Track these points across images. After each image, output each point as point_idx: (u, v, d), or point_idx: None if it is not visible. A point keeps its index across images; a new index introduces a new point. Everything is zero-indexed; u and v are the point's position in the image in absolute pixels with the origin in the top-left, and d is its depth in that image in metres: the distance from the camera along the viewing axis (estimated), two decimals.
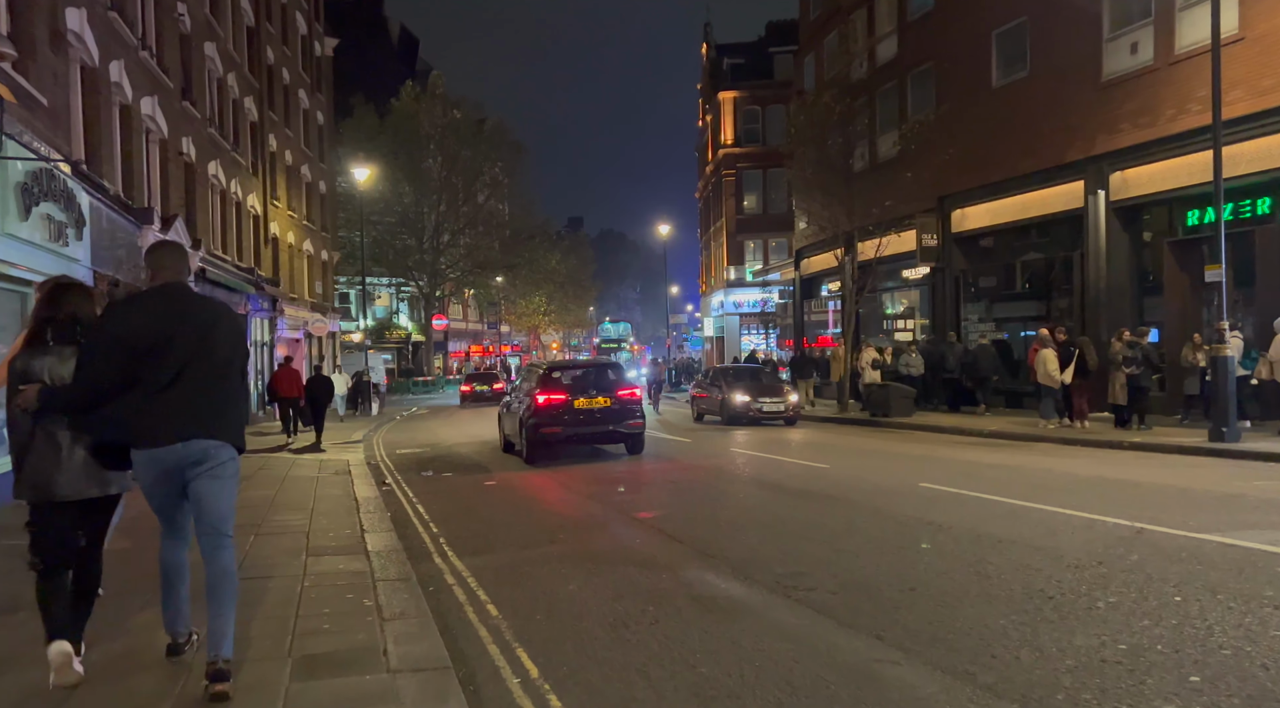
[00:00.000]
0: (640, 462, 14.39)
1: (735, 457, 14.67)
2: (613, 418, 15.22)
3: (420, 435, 23.14)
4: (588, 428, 15.10)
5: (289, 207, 34.12)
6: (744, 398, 21.97)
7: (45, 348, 4.24)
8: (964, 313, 25.23)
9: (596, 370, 17.13)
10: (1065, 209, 20.98)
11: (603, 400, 15.30)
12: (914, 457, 13.80)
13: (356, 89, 53.79)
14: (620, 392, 15.71)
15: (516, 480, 12.55)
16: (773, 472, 12.28)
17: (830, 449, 15.32)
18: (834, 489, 10.35)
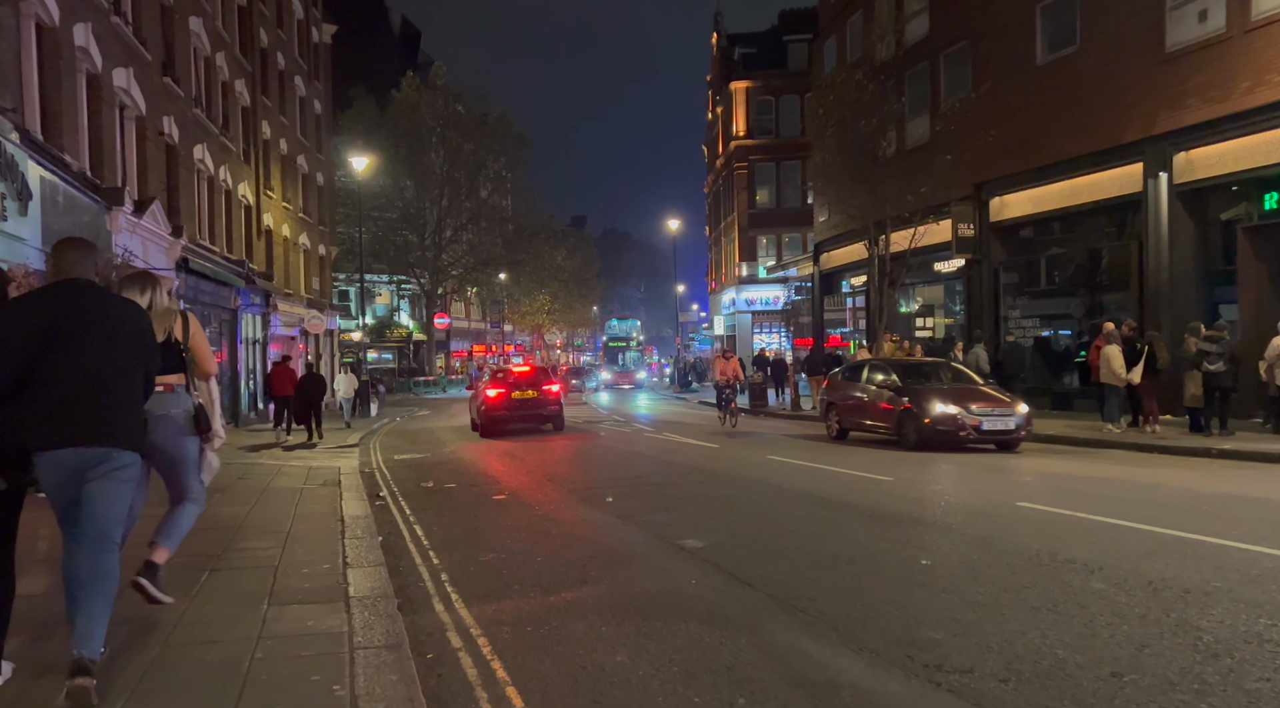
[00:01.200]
0: (668, 468, 12.74)
1: (758, 461, 13.02)
2: (538, 405, 20.98)
3: (421, 439, 21.50)
4: (520, 412, 20.89)
5: (284, 198, 32.49)
6: (951, 409, 14.19)
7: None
8: (1004, 309, 23.55)
9: (530, 373, 22.80)
10: (1120, 194, 19.33)
11: (532, 393, 21.05)
12: (981, 466, 12.14)
13: (356, 80, 52.16)
14: (543, 388, 21.29)
15: (532, 494, 10.89)
16: (821, 480, 10.64)
17: (881, 456, 13.65)
18: (911, 508, 8.69)
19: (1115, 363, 15.85)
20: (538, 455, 15.78)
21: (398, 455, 17.25)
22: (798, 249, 45.09)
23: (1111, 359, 15.94)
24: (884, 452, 14.30)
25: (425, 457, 16.74)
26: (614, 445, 17.31)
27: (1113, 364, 15.95)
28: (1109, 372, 16.02)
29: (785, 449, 15.45)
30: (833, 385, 18.16)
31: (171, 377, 5.04)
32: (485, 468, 14.16)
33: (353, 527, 8.34)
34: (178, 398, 5.07)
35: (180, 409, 5.05)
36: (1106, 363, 16.04)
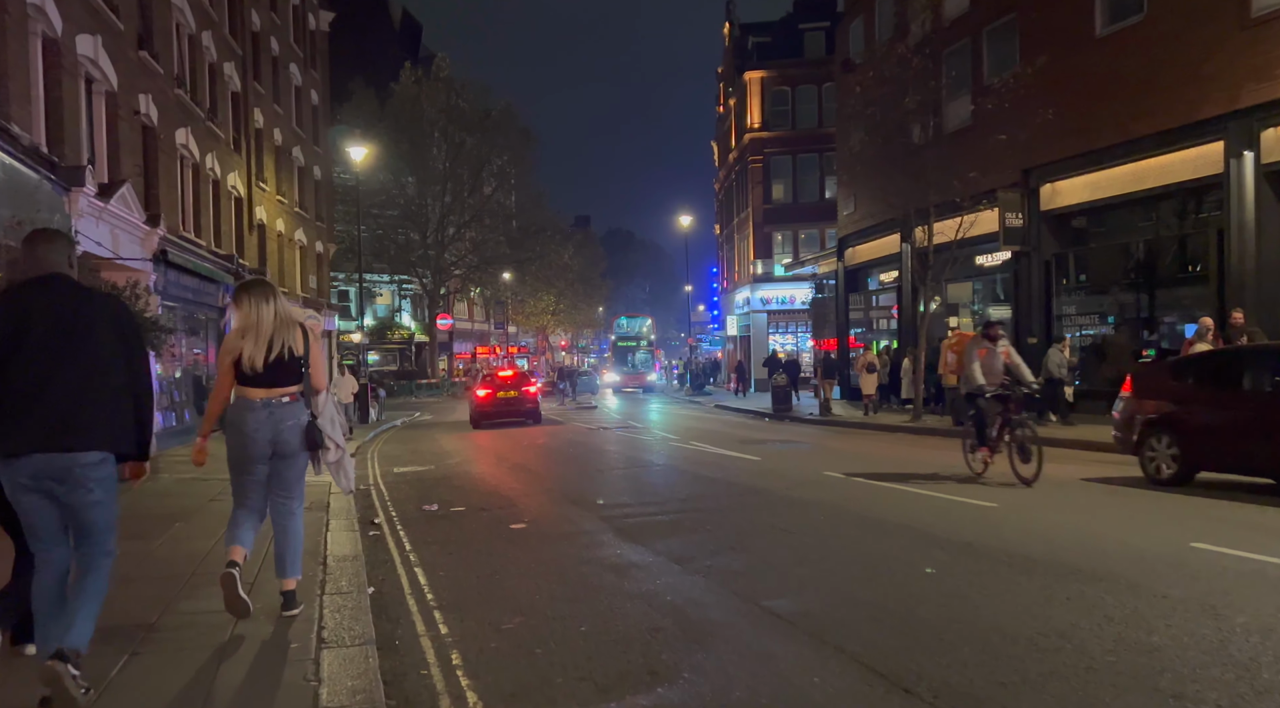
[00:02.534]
0: (712, 487, 10.88)
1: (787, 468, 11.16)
2: (519, 402, 25.44)
3: (424, 446, 19.69)
4: (504, 408, 25.15)
5: (278, 191, 30.68)
6: None
7: None
8: (1057, 305, 21.67)
9: (513, 377, 27.15)
10: (1195, 177, 17.46)
11: (514, 393, 25.50)
12: (1082, 486, 10.29)
13: (356, 74, 50.44)
14: (523, 389, 25.88)
15: (557, 523, 9.03)
16: (908, 506, 8.80)
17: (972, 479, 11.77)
18: (1052, 552, 6.82)
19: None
20: (555, 469, 13.93)
21: (398, 468, 15.44)
22: (815, 246, 43.25)
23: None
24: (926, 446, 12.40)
25: (428, 470, 14.91)
26: (639, 456, 15.45)
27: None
28: None
29: (834, 461, 13.59)
30: (1158, 388, 10.90)
31: (291, 387, 5.28)
32: (497, 485, 12.32)
33: (337, 574, 6.50)
34: (295, 409, 5.29)
35: (295, 421, 5.28)
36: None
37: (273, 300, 5.31)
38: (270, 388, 5.25)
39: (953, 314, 26.79)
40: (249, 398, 5.26)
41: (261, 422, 5.22)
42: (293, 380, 5.30)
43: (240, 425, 5.23)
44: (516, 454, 16.79)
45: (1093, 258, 21.42)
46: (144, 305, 12.61)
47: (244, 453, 5.26)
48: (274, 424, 5.24)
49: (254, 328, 5.21)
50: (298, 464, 5.40)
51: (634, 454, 15.73)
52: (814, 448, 16.13)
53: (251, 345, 5.18)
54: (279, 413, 5.24)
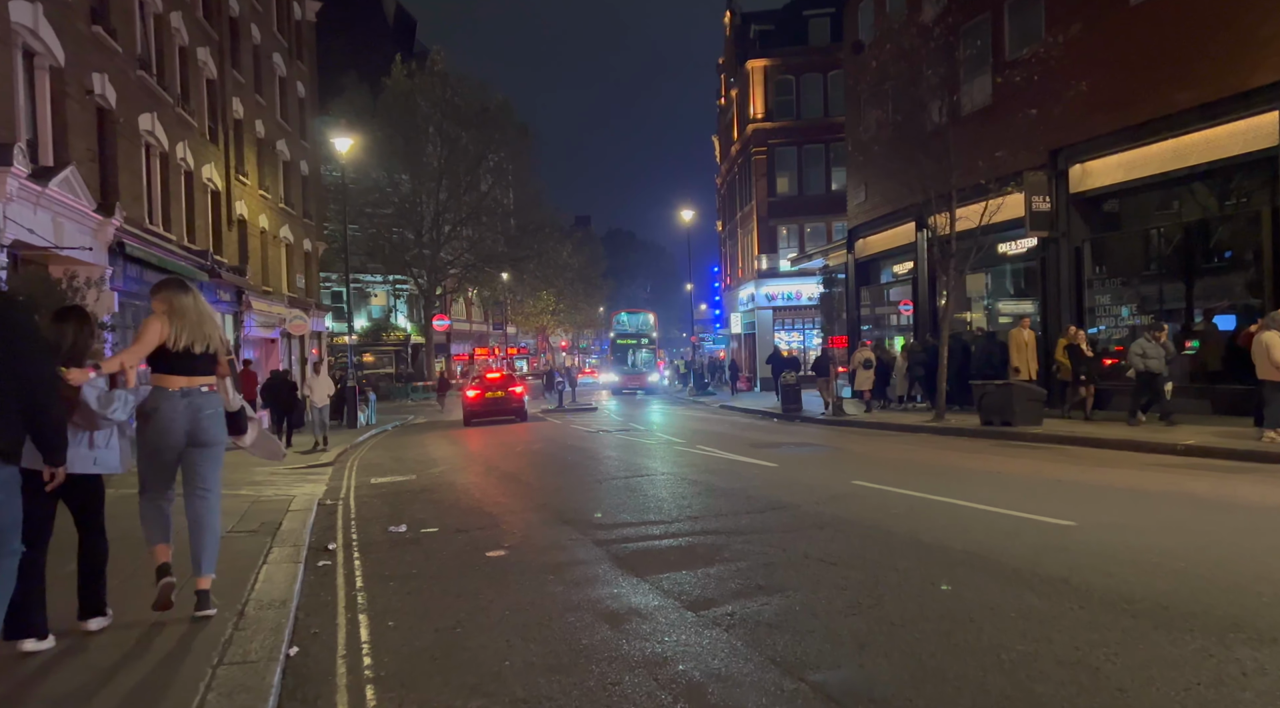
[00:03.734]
0: (728, 501, 9.39)
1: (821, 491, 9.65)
2: (505, 402, 26.89)
3: (411, 453, 18.21)
4: (492, 407, 26.82)
5: (261, 186, 29.22)
6: None
7: None
8: (1089, 296, 20.15)
9: (500, 379, 28.82)
10: (1245, 152, 15.98)
11: (501, 393, 27.06)
12: (1173, 497, 8.78)
13: (347, 69, 48.99)
14: (510, 389, 27.30)
15: (543, 551, 7.52)
16: (964, 525, 7.33)
17: (1033, 485, 10.27)
18: (1190, 593, 5.33)
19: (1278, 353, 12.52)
20: (548, 480, 12.44)
21: (376, 478, 13.97)
22: (822, 240, 41.76)
23: (1273, 348, 12.61)
24: (988, 452, 10.90)
25: (408, 480, 13.45)
26: (641, 463, 13.95)
27: (1274, 354, 12.62)
28: (1270, 365, 12.69)
29: (863, 468, 12.07)
30: None
31: (210, 378, 5.42)
32: (481, 499, 10.82)
33: (250, 632, 5.02)
34: (214, 399, 5.43)
35: (214, 411, 5.41)
36: (1265, 353, 12.71)
37: (190, 295, 5.40)
38: (191, 377, 5.29)
39: (964, 309, 25.29)
40: (167, 386, 5.24)
41: (179, 411, 5.23)
42: (211, 372, 5.42)
43: (157, 414, 5.20)
44: (508, 462, 15.31)
45: (1126, 244, 19.91)
46: (88, 300, 11.17)
47: (160, 442, 5.22)
48: (192, 413, 5.26)
49: (179, 314, 5.26)
50: (214, 455, 5.42)
51: (635, 461, 14.23)
52: (834, 452, 14.63)
53: (178, 328, 5.22)
54: (198, 402, 5.30)
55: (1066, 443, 14.97)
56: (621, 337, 50.95)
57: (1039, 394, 17.39)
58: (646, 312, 56.03)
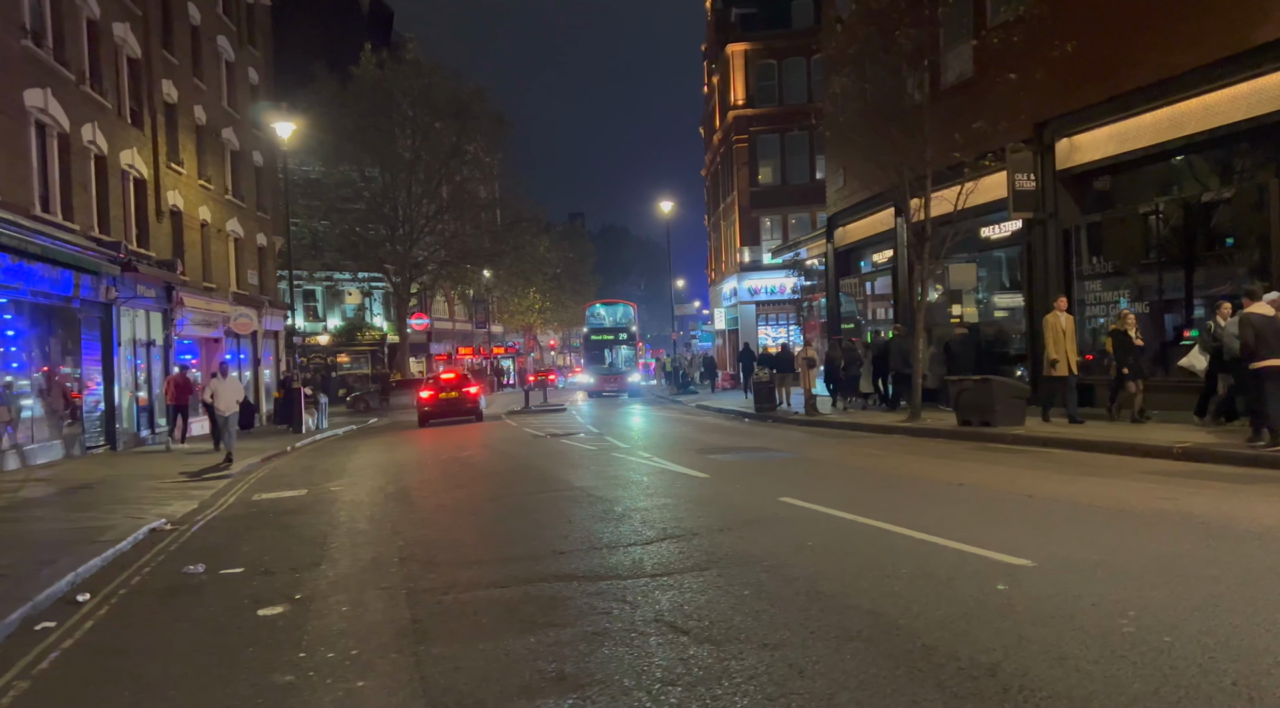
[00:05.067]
0: (645, 526, 7.66)
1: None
2: (460, 402, 26.95)
3: (331, 463, 16.48)
4: (447, 407, 26.88)
5: (202, 176, 27.48)
6: None
7: None
8: (1078, 284, 18.35)
9: (455, 379, 28.60)
10: (1249, 117, 14.18)
11: (455, 394, 27.07)
12: (1166, 520, 7.02)
13: (317, 59, 47.17)
14: (464, 390, 27.28)
15: (336, 611, 5.77)
16: (948, 589, 5.60)
17: (999, 503, 8.50)
18: (1112, 696, 3.58)
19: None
20: (436, 499, 10.69)
21: (263, 494, 12.26)
22: (806, 230, 39.93)
23: None
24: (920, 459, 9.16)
25: (294, 496, 11.77)
26: (558, 476, 12.18)
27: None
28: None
29: (805, 481, 10.32)
30: None
31: None
32: (335, 526, 9.08)
33: None
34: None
35: None
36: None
37: None
38: None
39: (956, 302, 23.51)
40: None
41: None
42: None
43: None
44: (419, 474, 13.57)
45: (1119, 224, 18.13)
46: None
47: None
48: None
49: None
50: None
51: (555, 472, 12.45)
52: (785, 460, 12.86)
53: None
54: None
55: (1051, 446, 13.26)
56: (597, 332, 45.08)
57: (1021, 391, 15.66)
58: (625, 302, 49.75)
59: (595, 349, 44.46)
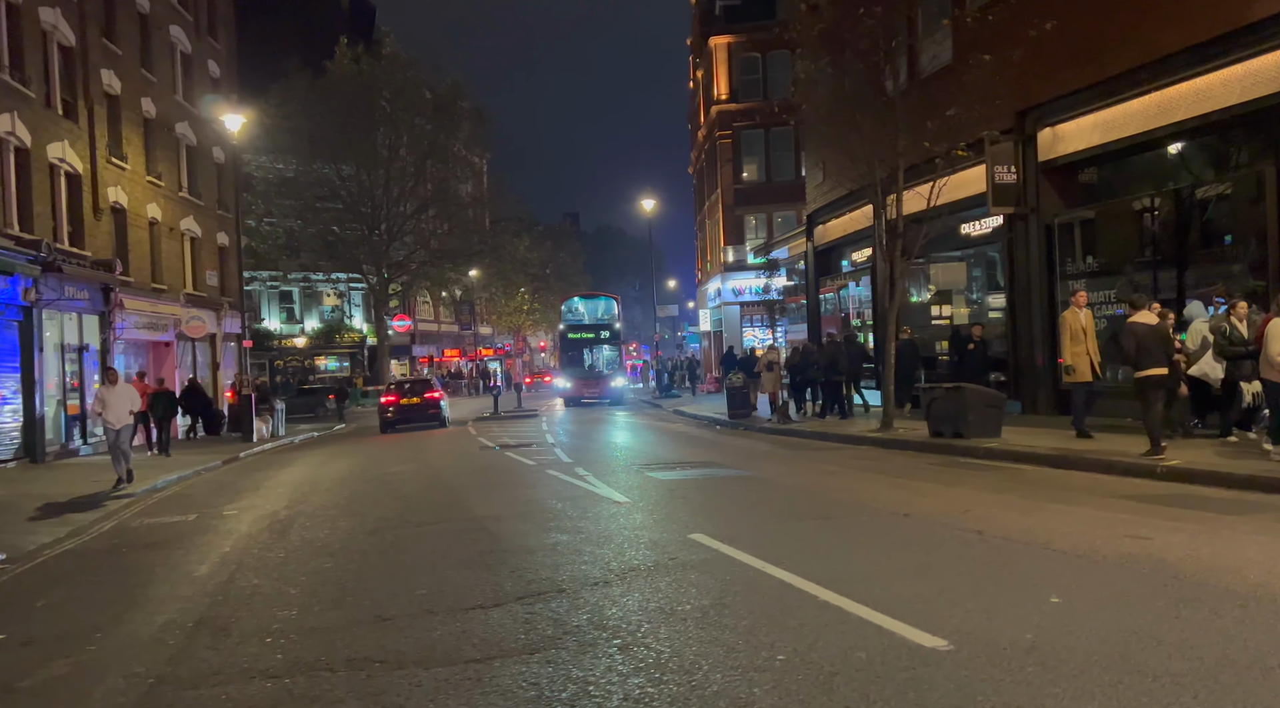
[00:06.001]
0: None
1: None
2: (422, 407, 26.83)
3: (255, 479, 15.24)
4: (410, 412, 26.84)
5: (150, 172, 26.25)
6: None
7: None
8: (1060, 281, 17.09)
9: (417, 383, 29.68)
10: (1242, 102, 12.96)
11: (417, 399, 27.08)
12: (1132, 569, 5.76)
13: (294, 54, 45.86)
14: (426, 395, 27.34)
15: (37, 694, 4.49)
16: (757, 655, 4.37)
17: (940, 542, 7.25)
18: None
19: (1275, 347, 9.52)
20: (317, 531, 9.43)
21: (148, 520, 11.16)
22: (792, 229, 38.70)
23: (1272, 342, 9.61)
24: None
25: (179, 523, 10.61)
26: (464, 500, 10.93)
27: (1271, 350, 9.62)
28: (1270, 362, 9.70)
29: (731, 508, 9.07)
30: None
31: None
32: (174, 566, 7.84)
33: None
34: None
35: None
36: (1266, 348, 9.71)
37: None
38: None
39: (946, 303, 22.26)
40: None
41: None
42: None
43: None
44: (324, 496, 12.29)
45: (1105, 219, 16.90)
46: None
47: None
48: None
49: None
50: None
51: (466, 497, 11.10)
52: (728, 479, 11.59)
53: None
54: None
55: (1024, 461, 12.02)
56: (574, 329, 39.14)
57: (996, 399, 14.38)
58: (608, 295, 43.60)
59: (573, 349, 38.29)
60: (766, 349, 22.87)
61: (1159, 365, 10.51)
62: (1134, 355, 10.63)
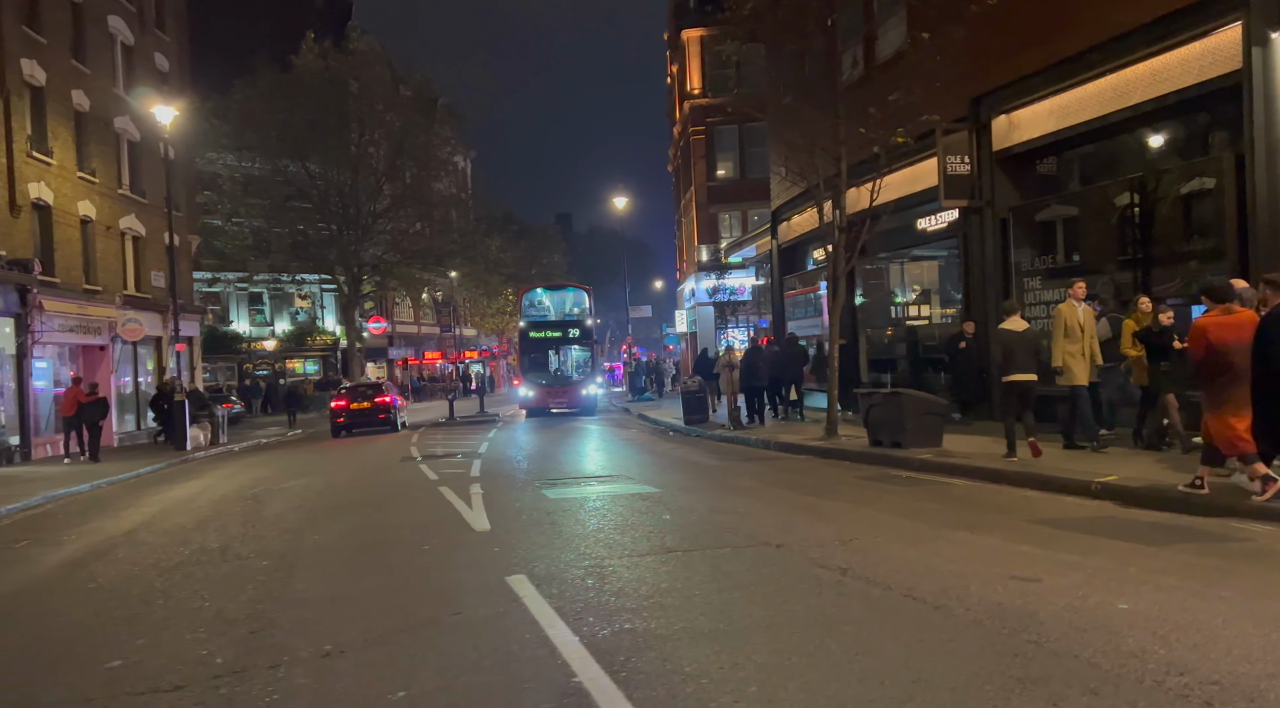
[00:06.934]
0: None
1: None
2: (372, 411, 26.83)
3: (131, 500, 14.11)
4: (360, 417, 26.76)
5: (84, 168, 25.17)
6: None
7: None
8: (1016, 278, 15.96)
9: (368, 388, 28.48)
10: (1200, 81, 11.88)
11: (367, 404, 26.94)
12: (999, 630, 4.64)
13: (267, 52, 44.72)
14: (376, 400, 27.07)
15: None
16: None
17: (779, 590, 6.14)
18: None
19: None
20: (152, 557, 8.35)
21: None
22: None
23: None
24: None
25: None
26: (304, 532, 9.82)
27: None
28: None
29: (600, 535, 7.99)
30: None
31: None
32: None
33: None
34: None
35: None
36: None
37: None
38: None
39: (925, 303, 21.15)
40: None
41: None
42: None
43: None
44: (169, 521, 11.22)
45: (1060, 211, 15.77)
46: None
47: None
48: None
49: None
50: None
51: (304, 527, 9.93)
52: (626, 497, 10.44)
53: None
54: None
55: (958, 475, 10.99)
56: (536, 326, 32.70)
57: (936, 406, 13.27)
58: (577, 286, 36.83)
59: (535, 350, 32.11)
60: (724, 351, 21.74)
61: (1025, 372, 10.71)
62: (1000, 361, 11.00)
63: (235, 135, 39.80)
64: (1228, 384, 7.45)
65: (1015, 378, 10.82)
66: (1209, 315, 7.74)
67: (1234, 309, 7.64)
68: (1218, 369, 7.47)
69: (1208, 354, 7.47)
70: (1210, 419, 7.71)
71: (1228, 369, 7.42)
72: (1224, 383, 7.48)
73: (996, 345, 11.28)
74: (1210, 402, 7.71)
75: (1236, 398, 7.39)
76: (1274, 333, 7.22)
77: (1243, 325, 7.45)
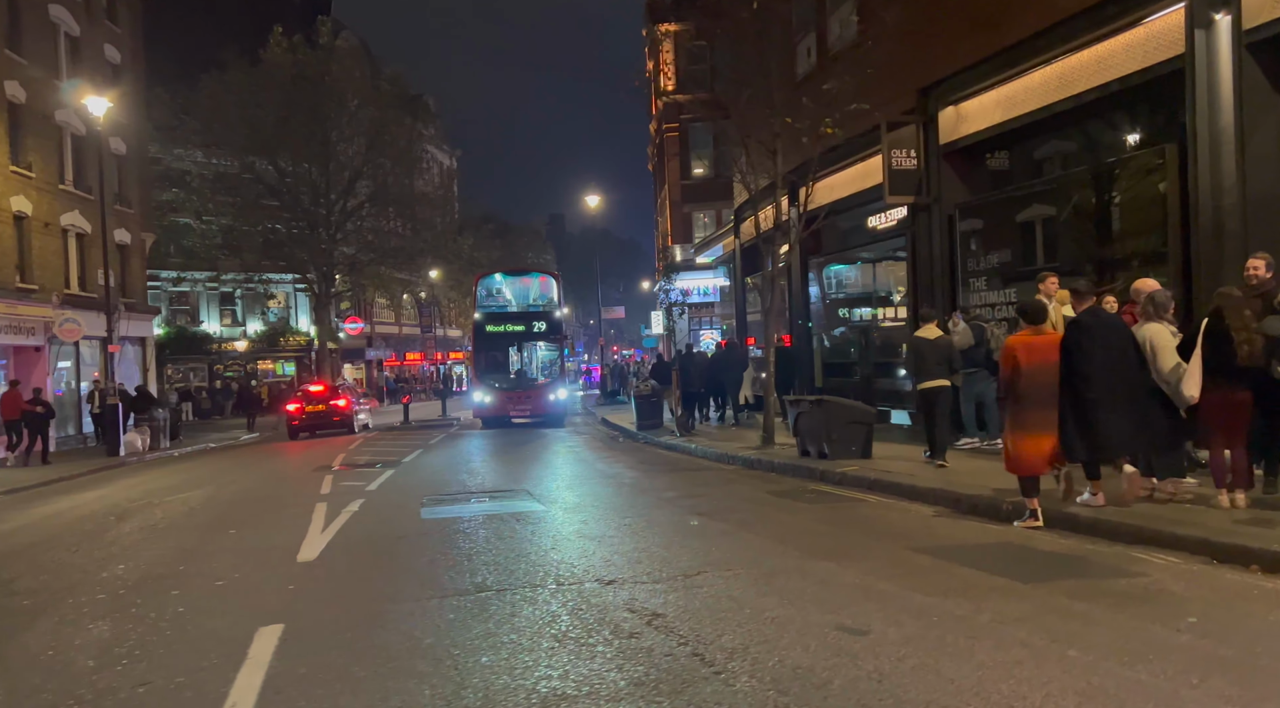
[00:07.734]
0: None
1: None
2: (328, 414, 26.60)
3: (20, 512, 13.26)
4: (315, 420, 26.44)
5: (18, 162, 24.33)
6: None
7: None
8: (963, 278, 15.06)
9: (324, 392, 27.48)
10: (1143, 67, 11.05)
11: (323, 406, 26.64)
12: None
13: (242, 46, 43.83)
14: (332, 403, 26.75)
15: None
16: None
17: (567, 641, 5.26)
18: None
19: (1165, 358, 7.53)
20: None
21: None
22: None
23: (1161, 352, 7.57)
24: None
25: None
26: (168, 562, 8.95)
27: (1160, 360, 7.58)
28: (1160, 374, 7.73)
29: (413, 575, 7.13)
30: None
31: None
32: None
33: None
34: None
35: None
36: (1153, 357, 7.70)
37: None
38: None
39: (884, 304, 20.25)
40: None
41: None
42: None
43: None
44: (72, 539, 10.36)
45: (1012, 208, 14.90)
46: None
47: None
48: None
49: None
50: None
51: (125, 553, 9.14)
52: (505, 517, 9.58)
53: None
54: None
55: (877, 490, 10.17)
56: (493, 318, 27.85)
57: (863, 415, 12.37)
58: (544, 272, 32.63)
59: (492, 348, 27.61)
60: (675, 355, 20.90)
61: (938, 378, 10.65)
62: (914, 369, 10.91)
63: (203, 131, 38.95)
64: (1033, 405, 7.40)
65: (929, 384, 10.71)
66: (1019, 335, 7.79)
67: (1044, 330, 7.68)
68: (1026, 388, 7.43)
69: (1013, 374, 7.47)
70: (1012, 437, 7.58)
71: (1035, 389, 7.39)
72: (1030, 403, 7.42)
73: (910, 353, 11.17)
74: (1014, 420, 7.60)
75: (1042, 419, 7.38)
76: (1072, 338, 7.41)
77: (1051, 347, 7.47)
